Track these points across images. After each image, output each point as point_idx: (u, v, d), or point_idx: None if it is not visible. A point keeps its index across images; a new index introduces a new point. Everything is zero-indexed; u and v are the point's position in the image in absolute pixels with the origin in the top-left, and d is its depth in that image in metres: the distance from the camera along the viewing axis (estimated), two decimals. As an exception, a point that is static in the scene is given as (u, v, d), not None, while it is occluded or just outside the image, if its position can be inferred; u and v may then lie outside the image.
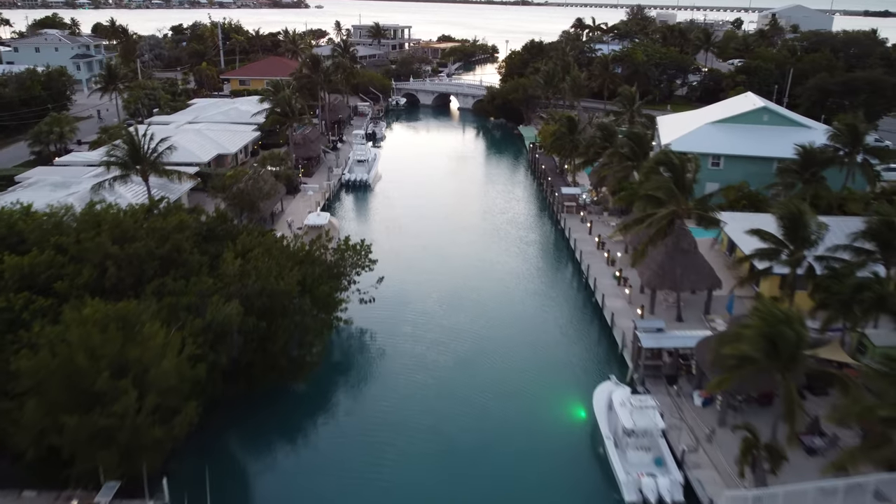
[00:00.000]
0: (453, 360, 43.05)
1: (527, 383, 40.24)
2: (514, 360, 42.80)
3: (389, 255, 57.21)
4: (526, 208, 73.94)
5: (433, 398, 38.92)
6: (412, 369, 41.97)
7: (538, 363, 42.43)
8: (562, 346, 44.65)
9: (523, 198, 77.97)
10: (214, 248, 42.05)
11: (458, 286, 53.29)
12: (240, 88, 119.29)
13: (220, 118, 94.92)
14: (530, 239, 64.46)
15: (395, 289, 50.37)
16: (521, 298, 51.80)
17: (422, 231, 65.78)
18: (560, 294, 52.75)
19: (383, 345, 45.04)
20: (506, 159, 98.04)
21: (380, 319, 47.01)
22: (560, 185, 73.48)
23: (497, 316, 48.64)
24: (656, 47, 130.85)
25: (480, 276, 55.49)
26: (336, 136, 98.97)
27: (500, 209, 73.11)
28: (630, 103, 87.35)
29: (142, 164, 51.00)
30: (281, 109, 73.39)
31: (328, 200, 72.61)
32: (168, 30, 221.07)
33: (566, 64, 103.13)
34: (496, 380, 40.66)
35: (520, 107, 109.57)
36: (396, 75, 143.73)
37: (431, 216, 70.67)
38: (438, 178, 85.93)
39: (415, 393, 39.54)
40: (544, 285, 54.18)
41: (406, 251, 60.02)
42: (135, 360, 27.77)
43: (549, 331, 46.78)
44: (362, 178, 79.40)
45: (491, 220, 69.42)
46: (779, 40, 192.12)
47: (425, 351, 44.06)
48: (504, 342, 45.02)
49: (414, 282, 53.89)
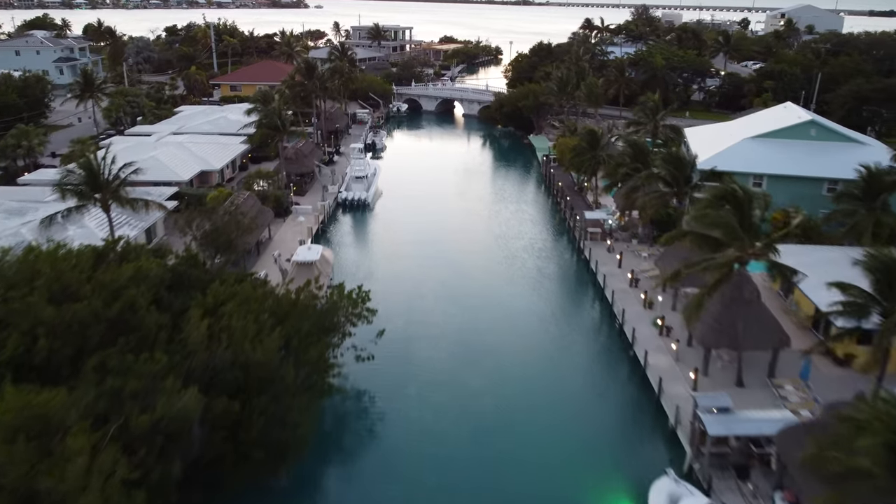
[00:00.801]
0: (468, 432, 35.68)
1: (557, 466, 32.81)
2: (540, 432, 35.37)
3: (391, 293, 49.95)
4: (542, 232, 66.44)
5: (448, 485, 31.57)
6: (419, 443, 34.69)
7: (570, 439, 35.02)
8: (599, 418, 37.17)
9: (539, 219, 70.47)
10: (180, 300, 34.74)
11: (470, 332, 45.90)
12: (231, 94, 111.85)
13: (207, 128, 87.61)
14: (550, 271, 56.98)
15: (397, 336, 43.04)
16: (546, 349, 44.38)
17: (427, 260, 58.39)
18: (592, 346, 45.21)
19: (384, 410, 37.71)
20: (516, 172, 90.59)
21: (380, 377, 39.67)
22: (581, 208, 66.08)
23: (517, 373, 41.16)
24: (673, 50, 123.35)
25: (496, 319, 48.05)
26: (333, 147, 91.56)
27: (514, 232, 65.66)
28: (653, 113, 79.95)
29: (102, 192, 43.58)
30: (270, 123, 65.87)
31: (322, 224, 65.15)
32: (162, 30, 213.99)
33: (580, 69, 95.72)
34: (519, 459, 33.26)
35: (530, 115, 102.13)
36: (398, 79, 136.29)
37: (437, 241, 63.27)
38: (444, 195, 78.51)
39: (424, 478, 32.17)
40: (572, 333, 46.62)
41: (410, 287, 52.65)
42: (46, 494, 20.39)
43: (583, 396, 39.33)
44: (361, 196, 71.95)
45: (504, 246, 61.97)
46: (795, 42, 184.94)
47: (434, 420, 36.70)
48: (527, 409, 37.55)
49: (419, 325, 46.55)
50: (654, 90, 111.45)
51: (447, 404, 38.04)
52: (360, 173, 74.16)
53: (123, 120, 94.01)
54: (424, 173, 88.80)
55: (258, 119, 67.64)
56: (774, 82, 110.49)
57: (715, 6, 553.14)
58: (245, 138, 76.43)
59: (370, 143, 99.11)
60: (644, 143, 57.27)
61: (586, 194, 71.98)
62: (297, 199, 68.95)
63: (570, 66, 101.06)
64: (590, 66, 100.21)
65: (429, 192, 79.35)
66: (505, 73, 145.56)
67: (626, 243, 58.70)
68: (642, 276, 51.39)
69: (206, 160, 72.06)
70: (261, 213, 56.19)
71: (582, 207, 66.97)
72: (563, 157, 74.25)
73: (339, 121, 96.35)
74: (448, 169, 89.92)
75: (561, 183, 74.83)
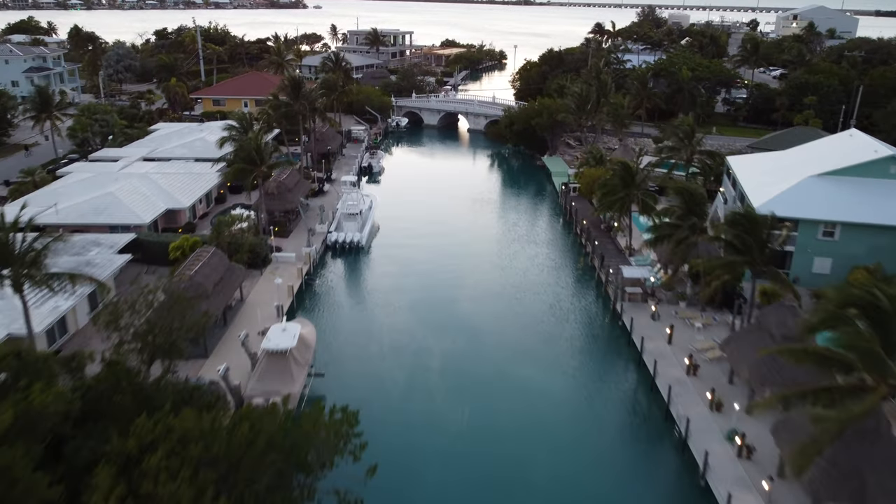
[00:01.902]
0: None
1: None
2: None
3: (386, 387, 40.19)
4: (568, 286, 56.25)
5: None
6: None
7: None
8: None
9: (562, 267, 60.31)
10: (88, 447, 24.89)
11: (491, 445, 35.89)
12: (214, 109, 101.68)
13: (181, 152, 77.71)
14: (583, 345, 46.77)
15: (393, 464, 33.05)
16: (591, 470, 34.37)
17: (432, 330, 48.32)
18: (647, 468, 34.83)
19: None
20: (530, 202, 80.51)
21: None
22: (613, 256, 56.25)
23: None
24: (697, 59, 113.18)
25: (520, 420, 37.97)
26: (324, 172, 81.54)
27: (533, 284, 55.58)
28: (688, 137, 70.11)
29: (13, 267, 33.55)
30: (245, 157, 55.67)
31: (308, 276, 55.09)
32: (152, 34, 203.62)
33: (602, 84, 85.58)
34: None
35: (544, 133, 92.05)
36: (397, 90, 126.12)
37: (445, 301, 53.17)
38: (450, 232, 68.48)
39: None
40: (622, 447, 36.29)
41: (409, 371, 42.72)
42: None
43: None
44: (353, 238, 61.84)
45: (525, 307, 51.85)
46: (818, 47, 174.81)
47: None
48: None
49: (423, 431, 36.62)
50: (679, 104, 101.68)
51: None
52: (353, 209, 64.13)
53: (91, 141, 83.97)
54: (427, 202, 78.76)
55: (233, 151, 57.32)
56: (812, 96, 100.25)
57: (720, 6, 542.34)
58: (224, 164, 66.30)
59: (366, 165, 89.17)
60: (701, 193, 47.11)
61: (615, 235, 62.01)
62: (279, 244, 58.93)
63: (589, 80, 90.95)
64: (612, 81, 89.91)
65: (432, 229, 69.31)
66: (512, 83, 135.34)
67: (671, 306, 48.67)
68: (701, 357, 41.39)
69: (174, 196, 62.05)
70: (230, 273, 46.13)
71: (614, 256, 56.99)
72: (587, 188, 64.26)
73: (331, 141, 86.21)
74: (453, 196, 79.94)
75: (585, 221, 64.76)
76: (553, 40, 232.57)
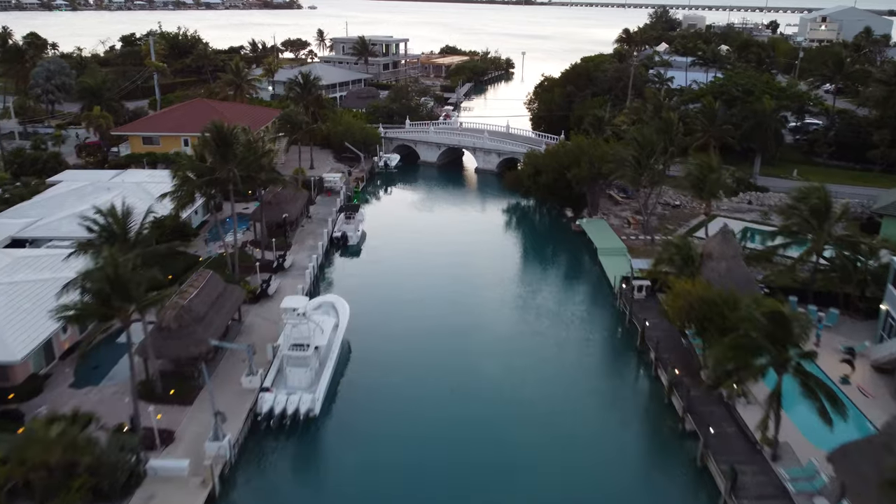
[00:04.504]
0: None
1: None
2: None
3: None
4: (653, 471, 31.96)
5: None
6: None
7: None
8: None
9: (645, 451, 35.95)
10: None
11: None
12: (143, 150, 77.04)
13: (68, 228, 53.24)
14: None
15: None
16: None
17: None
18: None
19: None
20: (570, 297, 56.06)
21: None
22: (740, 457, 31.85)
23: None
24: (772, 82, 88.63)
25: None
26: (278, 254, 57.09)
27: (605, 490, 31.30)
28: (819, 221, 46.23)
29: None
30: (90, 310, 30.93)
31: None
32: (118, 40, 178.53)
33: (668, 125, 60.84)
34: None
35: (582, 187, 67.59)
36: (387, 115, 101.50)
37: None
38: (458, 369, 44.05)
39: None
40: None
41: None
42: None
43: None
44: (301, 406, 37.37)
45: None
46: (878, 57, 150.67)
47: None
48: None
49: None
50: (757, 142, 77.30)
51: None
52: (301, 351, 39.56)
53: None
54: (423, 301, 54.14)
55: (82, 275, 32.36)
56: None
57: (731, 6, 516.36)
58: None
59: (339, 235, 64.70)
60: None
61: (735, 401, 37.59)
62: (171, 422, 34.55)
63: (647, 118, 66.43)
64: (680, 121, 64.92)
65: (432, 361, 44.88)
66: (528, 106, 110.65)
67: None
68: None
69: (4, 341, 37.53)
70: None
71: (739, 452, 32.55)
72: (677, 312, 39.88)
73: (289, 206, 61.53)
74: (457, 278, 55.70)
75: (667, 355, 40.39)
76: (557, 43, 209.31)
